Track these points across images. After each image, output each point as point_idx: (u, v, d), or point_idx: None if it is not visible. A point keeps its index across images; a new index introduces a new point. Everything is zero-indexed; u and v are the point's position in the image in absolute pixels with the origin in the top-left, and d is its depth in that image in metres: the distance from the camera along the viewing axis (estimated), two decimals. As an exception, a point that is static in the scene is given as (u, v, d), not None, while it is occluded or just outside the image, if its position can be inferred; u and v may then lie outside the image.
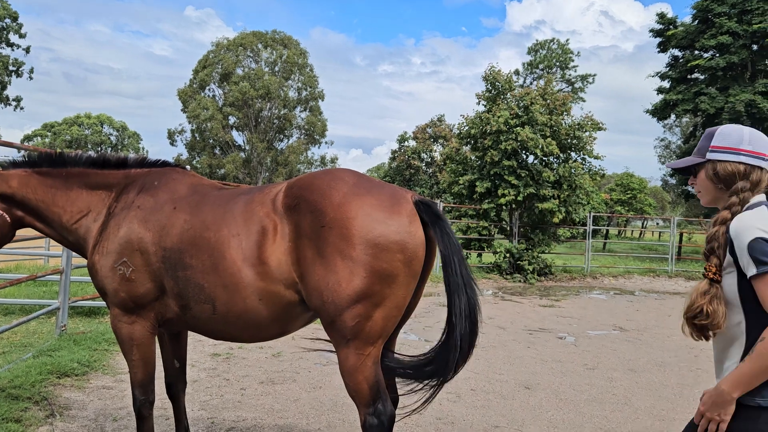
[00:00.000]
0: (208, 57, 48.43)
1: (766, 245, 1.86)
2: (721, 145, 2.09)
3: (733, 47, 24.03)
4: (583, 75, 53.07)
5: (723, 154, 2.08)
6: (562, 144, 16.08)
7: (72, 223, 3.53)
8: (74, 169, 3.61)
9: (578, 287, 15.35)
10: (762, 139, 2.09)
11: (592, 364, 7.08)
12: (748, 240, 1.90)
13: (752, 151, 2.06)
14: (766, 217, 1.94)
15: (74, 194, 3.56)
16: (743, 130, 2.11)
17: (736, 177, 2.06)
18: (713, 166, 2.10)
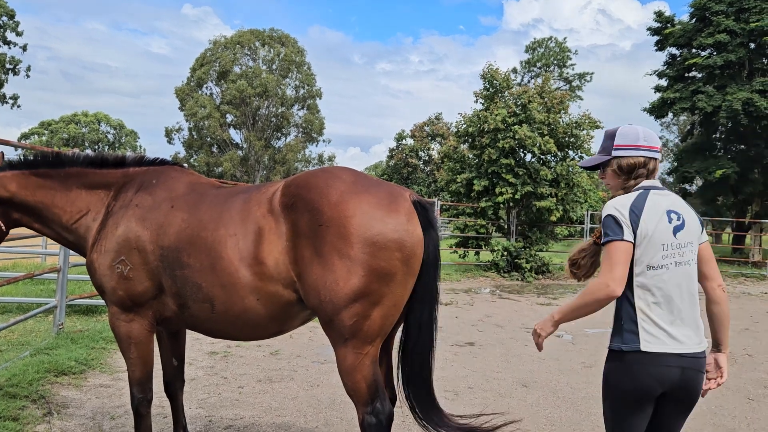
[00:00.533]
0: (206, 55, 48.33)
1: (612, 221, 2.38)
2: (622, 143, 2.55)
3: (730, 45, 24.05)
4: (580, 73, 53.09)
5: (626, 151, 2.54)
6: (559, 142, 16.10)
7: (72, 223, 3.52)
8: (72, 169, 3.59)
9: (576, 285, 15.37)
10: (653, 136, 2.57)
11: (589, 362, 7.09)
12: (603, 216, 2.45)
13: (648, 146, 2.53)
14: (628, 200, 2.42)
15: (73, 194, 3.54)
16: (638, 129, 2.57)
17: (636, 167, 2.52)
18: (618, 162, 2.55)
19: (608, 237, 2.37)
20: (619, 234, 2.35)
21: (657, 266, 2.38)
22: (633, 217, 2.37)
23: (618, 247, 2.35)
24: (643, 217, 2.37)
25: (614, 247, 2.36)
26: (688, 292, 2.44)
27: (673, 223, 2.42)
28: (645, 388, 2.39)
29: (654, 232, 2.37)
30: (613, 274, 2.32)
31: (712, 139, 26.79)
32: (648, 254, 2.37)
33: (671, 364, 2.36)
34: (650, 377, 2.37)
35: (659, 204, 2.43)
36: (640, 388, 2.39)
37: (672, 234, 2.41)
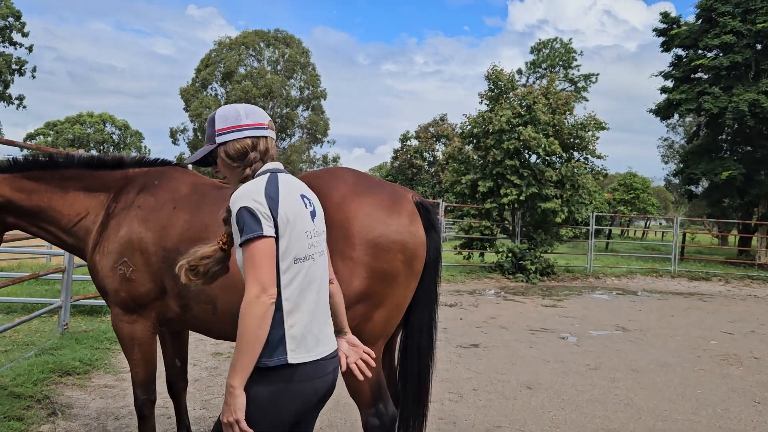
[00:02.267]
0: (211, 56, 48.46)
1: (247, 214, 1.98)
2: (224, 127, 2.19)
3: (737, 47, 23.94)
4: (586, 74, 53.00)
5: (229, 134, 2.18)
6: (564, 143, 16.05)
7: (71, 226, 3.48)
8: (68, 171, 3.51)
9: (581, 287, 15.33)
10: (258, 111, 2.23)
11: (594, 365, 7.06)
12: (235, 211, 2.01)
13: (252, 124, 2.18)
14: (259, 186, 2.05)
15: (71, 197, 3.48)
16: (238, 107, 2.23)
17: (247, 150, 2.17)
18: (224, 149, 2.19)
19: (246, 235, 1.98)
20: (257, 230, 1.97)
21: (304, 257, 2.07)
22: (271, 203, 2.01)
23: (259, 247, 1.98)
24: (281, 202, 2.04)
25: (255, 247, 1.98)
26: (323, 283, 2.19)
27: (309, 209, 2.15)
28: (302, 406, 2.08)
29: (296, 218, 2.06)
30: (261, 280, 1.98)
31: (718, 141, 26.65)
32: (294, 245, 2.05)
33: (327, 371, 2.13)
34: (306, 393, 2.07)
35: (293, 186, 2.15)
36: (298, 408, 2.07)
37: (311, 220, 2.14)
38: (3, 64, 36.89)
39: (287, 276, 2.05)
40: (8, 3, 37.47)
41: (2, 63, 36.81)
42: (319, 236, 2.17)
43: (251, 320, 1.97)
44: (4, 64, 37.00)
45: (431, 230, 2.96)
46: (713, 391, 6.14)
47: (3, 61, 37.01)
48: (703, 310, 12.01)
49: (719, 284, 16.92)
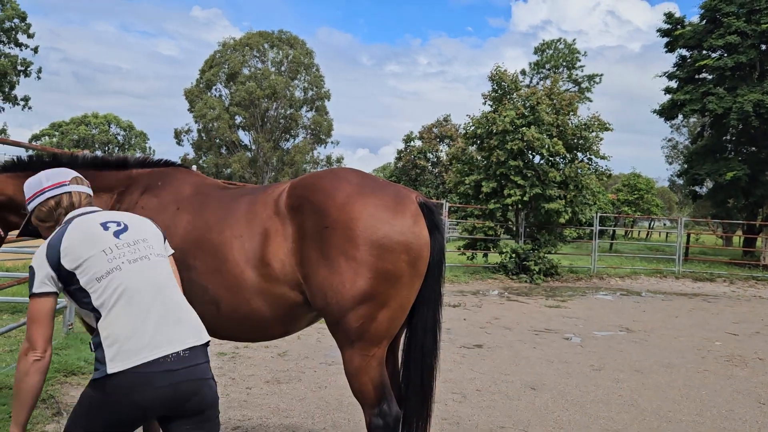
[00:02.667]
0: (215, 57, 48.55)
1: (30, 273, 2.24)
2: (29, 195, 2.50)
3: (741, 47, 23.87)
4: (589, 75, 52.87)
5: (35, 201, 2.48)
6: (568, 144, 16.03)
7: None
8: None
9: (584, 288, 15.30)
10: (59, 172, 2.54)
11: (598, 365, 7.06)
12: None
13: (53, 185, 2.48)
14: (46, 241, 2.29)
15: None
16: (40, 174, 2.52)
17: (52, 209, 2.46)
18: (35, 214, 2.49)
19: (30, 292, 2.22)
20: (31, 288, 2.20)
21: (107, 272, 2.20)
22: (51, 252, 2.22)
23: (32, 306, 2.20)
24: (64, 246, 2.22)
25: (31, 305, 2.20)
26: (155, 284, 2.27)
27: (111, 230, 2.33)
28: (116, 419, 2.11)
29: (89, 249, 2.23)
30: (30, 338, 2.16)
31: (722, 141, 26.58)
32: (92, 270, 2.20)
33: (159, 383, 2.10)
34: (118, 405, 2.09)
35: (87, 222, 2.35)
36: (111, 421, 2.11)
37: (114, 237, 2.31)
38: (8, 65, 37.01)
39: (95, 294, 2.19)
40: (14, 4, 37.60)
41: (8, 64, 36.94)
42: (131, 246, 2.32)
43: (17, 374, 2.16)
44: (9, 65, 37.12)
45: (435, 231, 2.97)
46: (718, 392, 6.13)
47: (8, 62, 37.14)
48: (707, 311, 11.98)
49: (724, 285, 16.88)
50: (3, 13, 37.00)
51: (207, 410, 2.25)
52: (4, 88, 37.48)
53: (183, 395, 2.15)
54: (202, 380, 2.22)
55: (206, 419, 2.26)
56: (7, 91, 37.88)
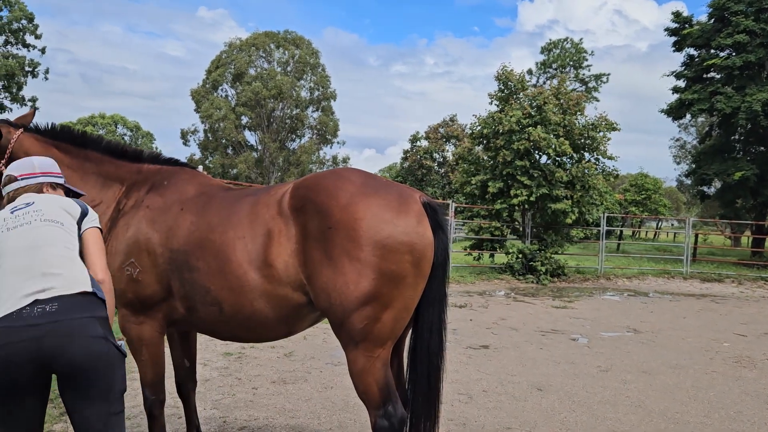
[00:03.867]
0: (221, 57, 48.66)
1: None
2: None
3: (749, 46, 23.73)
4: (597, 74, 52.74)
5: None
6: (575, 144, 15.98)
7: None
8: (93, 153, 3.55)
9: (591, 288, 15.24)
10: (20, 165, 2.71)
11: (605, 366, 7.02)
12: None
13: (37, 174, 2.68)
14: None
15: (89, 180, 3.50)
16: (33, 160, 2.76)
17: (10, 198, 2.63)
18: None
19: None
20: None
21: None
22: None
23: None
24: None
25: None
26: (29, 246, 2.28)
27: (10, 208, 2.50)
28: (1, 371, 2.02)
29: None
30: None
31: (731, 141, 26.42)
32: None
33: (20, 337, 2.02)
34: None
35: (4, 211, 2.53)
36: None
37: (9, 213, 2.45)
38: (16, 66, 37.21)
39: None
40: (21, 5, 37.81)
41: (15, 65, 37.14)
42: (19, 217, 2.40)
43: None
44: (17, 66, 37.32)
45: (439, 231, 2.95)
46: (726, 393, 6.08)
47: (16, 63, 37.33)
48: (715, 312, 11.90)
49: (732, 286, 16.77)
50: (11, 14, 37.22)
51: (85, 373, 2.05)
52: (12, 89, 37.67)
53: (48, 352, 2.03)
54: (70, 336, 2.04)
55: (90, 385, 2.07)
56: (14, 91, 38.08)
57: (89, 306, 2.15)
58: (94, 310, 2.15)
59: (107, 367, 2.08)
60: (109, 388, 2.09)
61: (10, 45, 38.30)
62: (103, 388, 2.08)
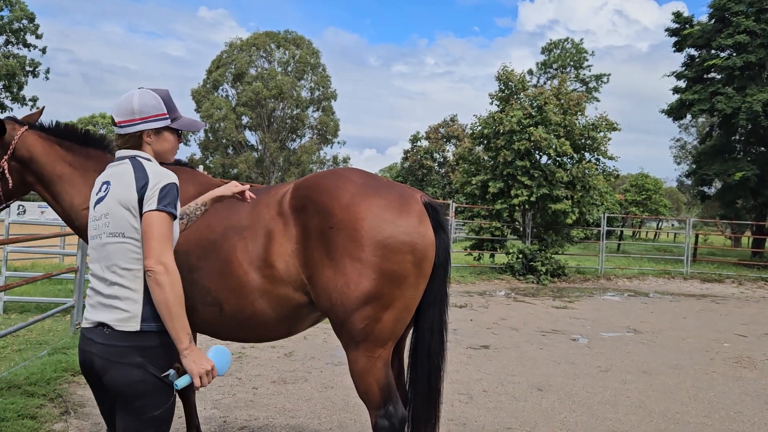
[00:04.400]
0: (222, 57, 48.69)
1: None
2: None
3: (750, 46, 23.73)
4: (597, 74, 52.74)
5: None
6: (575, 144, 15.98)
7: (83, 208, 3.47)
8: (95, 151, 3.54)
9: (592, 288, 15.25)
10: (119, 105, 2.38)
11: (605, 366, 7.02)
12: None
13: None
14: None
15: (90, 178, 3.44)
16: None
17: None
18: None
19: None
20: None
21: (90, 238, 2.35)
22: None
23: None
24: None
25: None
26: (101, 268, 2.27)
27: (98, 195, 2.34)
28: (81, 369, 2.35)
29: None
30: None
31: (731, 141, 26.42)
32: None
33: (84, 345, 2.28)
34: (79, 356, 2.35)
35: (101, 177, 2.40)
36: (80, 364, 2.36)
37: (94, 207, 2.34)
38: (17, 66, 37.24)
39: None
40: (22, 5, 37.83)
41: (16, 65, 37.17)
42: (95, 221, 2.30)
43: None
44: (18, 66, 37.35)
45: (440, 231, 2.95)
46: (726, 393, 6.09)
47: (17, 63, 37.37)
48: (715, 312, 11.90)
49: (732, 286, 16.77)
50: (11, 14, 37.23)
51: (122, 395, 2.20)
52: (13, 89, 37.70)
53: (98, 368, 2.22)
54: (113, 362, 2.18)
55: (124, 406, 2.22)
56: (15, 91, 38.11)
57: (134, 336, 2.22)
58: (138, 340, 2.21)
59: (140, 393, 2.19)
60: (141, 412, 2.21)
61: (11, 45, 38.32)
62: (136, 409, 2.20)
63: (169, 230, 2.20)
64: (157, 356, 2.21)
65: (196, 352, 2.17)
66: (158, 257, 2.13)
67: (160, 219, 2.18)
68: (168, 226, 2.20)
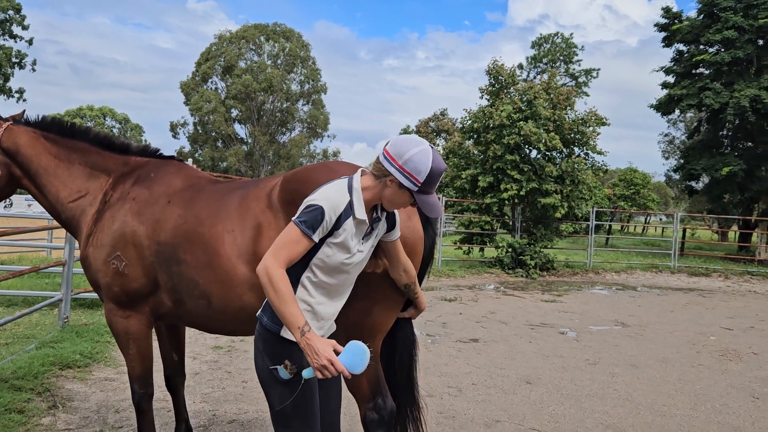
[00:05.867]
0: (211, 50, 48.41)
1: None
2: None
3: (738, 42, 23.91)
4: (587, 69, 52.92)
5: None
6: (565, 139, 16.04)
7: (69, 201, 3.47)
8: (80, 143, 3.54)
9: (580, 282, 15.34)
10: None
11: (593, 360, 7.08)
12: None
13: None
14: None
15: (75, 171, 3.50)
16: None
17: None
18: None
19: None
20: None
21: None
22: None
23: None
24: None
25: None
26: None
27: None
28: None
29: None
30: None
31: (719, 136, 26.64)
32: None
33: None
34: None
35: None
36: None
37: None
38: (3, 57, 36.81)
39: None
40: (8, -4, 37.37)
41: (2, 56, 36.74)
42: None
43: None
44: (4, 57, 36.91)
45: (428, 226, 2.96)
46: (712, 386, 6.16)
47: (3, 54, 36.93)
48: (702, 306, 12.02)
49: (719, 280, 16.94)
50: (-3, 5, 36.82)
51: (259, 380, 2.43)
52: (-1, 80, 37.31)
53: None
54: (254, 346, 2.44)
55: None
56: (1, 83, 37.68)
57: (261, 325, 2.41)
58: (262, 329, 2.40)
59: (261, 382, 2.40)
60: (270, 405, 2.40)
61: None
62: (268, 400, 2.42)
63: (291, 242, 2.24)
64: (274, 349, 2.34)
65: (313, 345, 2.17)
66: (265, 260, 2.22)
67: (289, 229, 2.26)
68: (293, 238, 2.24)
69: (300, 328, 2.16)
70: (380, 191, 2.32)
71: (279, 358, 2.30)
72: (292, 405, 2.31)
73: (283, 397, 2.30)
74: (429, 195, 2.29)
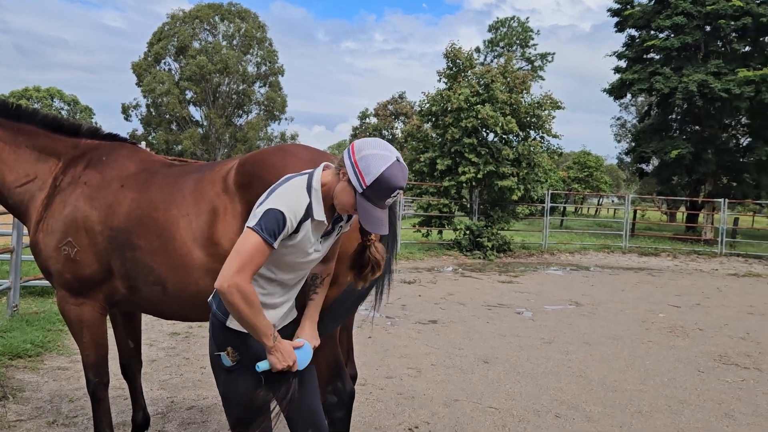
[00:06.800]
0: (163, 29, 46.99)
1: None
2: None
3: (687, 28, 24.55)
4: (542, 54, 53.52)
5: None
6: (521, 122, 16.25)
7: (17, 186, 3.33)
8: (27, 126, 3.39)
9: (536, 263, 15.66)
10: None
11: (548, 338, 7.26)
12: None
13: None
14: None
15: (23, 154, 3.34)
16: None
17: None
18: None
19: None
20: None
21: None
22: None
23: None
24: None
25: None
26: None
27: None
28: None
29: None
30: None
31: (668, 120, 27.42)
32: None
33: None
34: None
35: None
36: None
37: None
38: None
39: None
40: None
41: (-61, 33, 34.94)
42: None
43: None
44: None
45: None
46: (660, 361, 6.40)
47: (-60, 32, 35.13)
48: (651, 285, 12.44)
49: (667, 259, 17.54)
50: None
51: None
52: (-63, 59, 35.52)
53: None
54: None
55: None
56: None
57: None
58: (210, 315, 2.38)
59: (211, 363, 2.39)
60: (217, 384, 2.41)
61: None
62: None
63: (256, 253, 2.12)
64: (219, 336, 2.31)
65: (282, 349, 2.21)
66: (233, 278, 2.09)
67: (250, 237, 2.13)
68: (257, 248, 2.12)
69: (272, 335, 2.18)
70: (335, 185, 2.21)
71: (223, 345, 2.29)
72: (235, 392, 2.31)
73: (227, 383, 2.32)
74: (374, 206, 2.12)
